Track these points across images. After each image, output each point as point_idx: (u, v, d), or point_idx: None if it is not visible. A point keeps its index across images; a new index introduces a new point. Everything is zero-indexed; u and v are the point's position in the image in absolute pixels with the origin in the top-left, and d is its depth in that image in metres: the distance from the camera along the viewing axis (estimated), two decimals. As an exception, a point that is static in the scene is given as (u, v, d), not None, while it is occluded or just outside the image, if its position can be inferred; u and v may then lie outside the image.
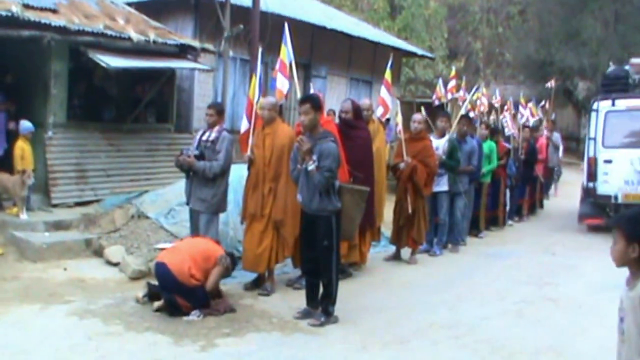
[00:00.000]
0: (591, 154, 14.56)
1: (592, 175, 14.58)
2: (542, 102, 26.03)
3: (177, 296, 7.52)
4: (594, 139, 14.53)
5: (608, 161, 14.36)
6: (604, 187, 14.41)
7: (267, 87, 10.53)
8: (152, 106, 14.41)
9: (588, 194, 14.85)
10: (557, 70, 34.58)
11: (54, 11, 12.05)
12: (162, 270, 7.61)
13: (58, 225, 11.10)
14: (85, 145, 12.67)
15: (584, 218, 15.18)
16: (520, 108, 19.79)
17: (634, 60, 15.96)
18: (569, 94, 38.45)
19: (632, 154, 14.05)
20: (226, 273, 8.05)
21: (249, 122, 9.22)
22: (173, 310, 7.55)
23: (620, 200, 14.10)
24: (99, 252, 10.14)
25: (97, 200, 12.37)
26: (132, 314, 7.51)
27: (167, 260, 7.61)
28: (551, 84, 27.03)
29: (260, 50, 10.54)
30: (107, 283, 8.96)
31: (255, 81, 9.64)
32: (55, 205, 11.97)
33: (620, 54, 32.86)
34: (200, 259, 7.69)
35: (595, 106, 14.67)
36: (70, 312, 7.52)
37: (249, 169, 9.01)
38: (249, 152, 8.90)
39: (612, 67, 16.54)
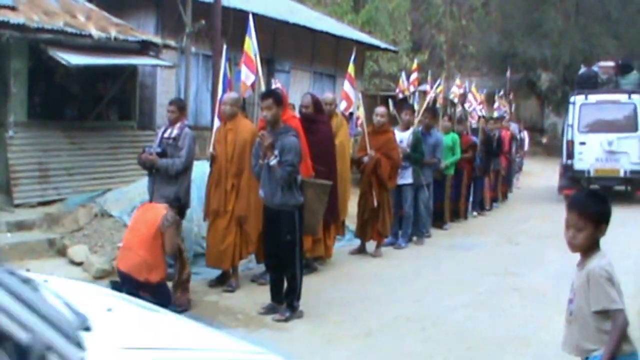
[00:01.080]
0: (569, 137, 17.82)
1: (570, 155, 17.81)
2: (510, 95, 26.23)
3: (141, 291, 7.50)
4: (572, 125, 17.79)
5: (582, 143, 17.59)
6: (579, 164, 17.64)
7: (232, 82, 10.48)
8: (114, 103, 14.32)
9: (566, 169, 18.07)
10: (520, 61, 34.85)
11: (13, 8, 11.90)
12: (123, 277, 7.63)
13: (20, 226, 10.99)
14: (47, 144, 12.55)
15: (563, 189, 18.12)
16: (471, 98, 19.98)
17: (602, 64, 20.00)
18: (532, 85, 38.78)
19: (601, 137, 17.32)
20: (177, 228, 7.99)
21: (220, 121, 9.23)
22: None
23: (592, 174, 17.53)
24: (62, 252, 10.06)
25: (60, 200, 12.26)
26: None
27: (123, 266, 7.58)
28: (508, 74, 27.41)
29: (224, 47, 10.52)
30: (70, 283, 8.89)
31: (220, 78, 9.66)
32: (17, 205, 11.85)
33: (581, 46, 33.28)
34: (148, 244, 7.56)
35: (572, 100, 18.04)
36: (33, 312, 7.44)
37: (211, 165, 9.00)
38: (210, 149, 8.90)
39: (583, 69, 19.93)
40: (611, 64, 19.75)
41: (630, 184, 17.76)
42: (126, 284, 7.59)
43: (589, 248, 3.70)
